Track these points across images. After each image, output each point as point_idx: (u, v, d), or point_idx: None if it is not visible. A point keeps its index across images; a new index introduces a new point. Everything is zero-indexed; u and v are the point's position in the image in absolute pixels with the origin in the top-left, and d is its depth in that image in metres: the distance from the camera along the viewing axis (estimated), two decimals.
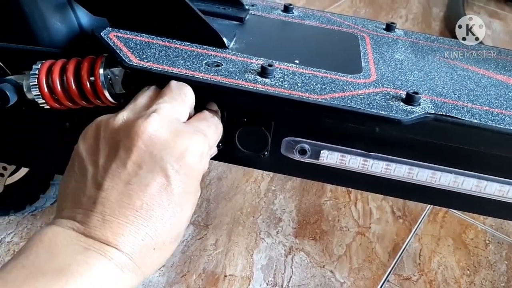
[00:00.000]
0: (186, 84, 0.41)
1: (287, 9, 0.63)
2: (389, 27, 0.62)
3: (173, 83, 0.41)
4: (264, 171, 0.42)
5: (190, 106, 0.40)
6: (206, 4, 0.58)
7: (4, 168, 0.64)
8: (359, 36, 0.58)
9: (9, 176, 0.65)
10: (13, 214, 0.71)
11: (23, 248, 0.32)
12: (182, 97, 0.40)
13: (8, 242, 0.72)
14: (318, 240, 0.79)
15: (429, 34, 0.66)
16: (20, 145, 0.57)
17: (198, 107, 0.42)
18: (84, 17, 0.54)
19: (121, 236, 0.33)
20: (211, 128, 0.40)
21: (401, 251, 0.79)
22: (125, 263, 0.32)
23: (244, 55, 0.48)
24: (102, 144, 0.36)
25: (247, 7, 0.60)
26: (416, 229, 0.83)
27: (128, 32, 0.48)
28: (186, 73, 0.43)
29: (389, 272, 0.75)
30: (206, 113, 0.42)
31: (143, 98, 0.40)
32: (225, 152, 0.49)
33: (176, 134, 0.36)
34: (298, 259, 0.75)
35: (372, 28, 0.61)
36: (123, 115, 0.37)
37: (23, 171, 0.64)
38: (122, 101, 0.47)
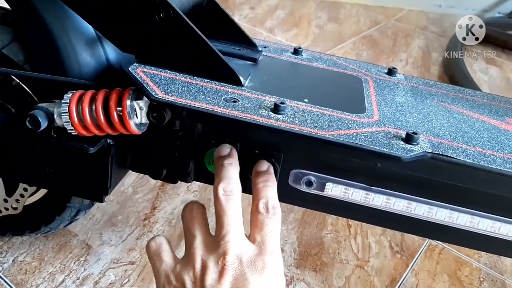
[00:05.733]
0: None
1: (296, 51, 0.68)
2: (391, 72, 0.67)
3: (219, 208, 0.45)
4: None
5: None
6: (223, 45, 0.63)
7: (25, 189, 0.67)
8: (363, 79, 0.63)
9: (28, 197, 0.68)
10: (28, 234, 0.73)
11: None
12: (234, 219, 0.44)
13: (20, 261, 0.74)
14: (318, 271, 0.81)
15: (428, 79, 0.70)
16: (42, 168, 0.61)
17: (220, 139, 0.44)
18: (111, 52, 0.58)
19: None
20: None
21: (398, 285, 0.81)
22: None
23: (258, 92, 0.52)
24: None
25: (260, 49, 0.65)
26: (413, 264, 0.86)
27: (153, 68, 0.52)
28: (206, 107, 0.47)
29: None
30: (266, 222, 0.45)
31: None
32: None
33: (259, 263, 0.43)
34: None
35: (375, 72, 0.66)
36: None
37: (42, 192, 0.67)
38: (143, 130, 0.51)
